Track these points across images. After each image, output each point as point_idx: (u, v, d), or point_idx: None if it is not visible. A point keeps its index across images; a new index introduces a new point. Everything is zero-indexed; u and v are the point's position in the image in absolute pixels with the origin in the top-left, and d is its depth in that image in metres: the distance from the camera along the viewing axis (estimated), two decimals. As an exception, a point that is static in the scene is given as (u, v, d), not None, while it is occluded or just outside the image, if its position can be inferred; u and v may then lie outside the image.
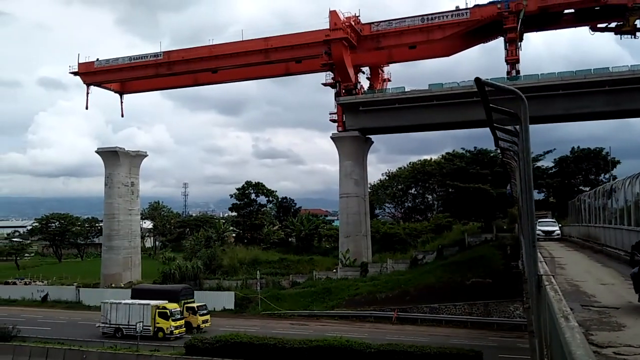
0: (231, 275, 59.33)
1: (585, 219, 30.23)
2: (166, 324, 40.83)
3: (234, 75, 67.04)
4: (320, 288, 50.74)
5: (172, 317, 41.19)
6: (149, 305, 41.54)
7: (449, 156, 68.56)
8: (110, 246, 66.52)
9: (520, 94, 8.70)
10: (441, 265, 49.28)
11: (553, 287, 8.95)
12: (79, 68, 67.07)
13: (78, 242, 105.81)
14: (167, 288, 48.71)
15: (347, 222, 56.80)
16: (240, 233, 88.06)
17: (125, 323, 41.56)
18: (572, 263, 17.80)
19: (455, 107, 51.36)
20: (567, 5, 49.88)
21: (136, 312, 41.49)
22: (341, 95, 56.82)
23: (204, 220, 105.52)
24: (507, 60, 51.12)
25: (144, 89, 73.72)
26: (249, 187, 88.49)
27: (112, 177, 67.05)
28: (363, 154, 58.99)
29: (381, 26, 56.14)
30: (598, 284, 12.38)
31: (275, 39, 58.65)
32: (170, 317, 41.05)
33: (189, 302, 44.60)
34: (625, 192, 18.20)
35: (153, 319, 41.00)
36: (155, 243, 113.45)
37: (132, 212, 69.41)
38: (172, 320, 40.96)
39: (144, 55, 65.30)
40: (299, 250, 74.86)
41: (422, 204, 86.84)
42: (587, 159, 66.18)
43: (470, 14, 52.39)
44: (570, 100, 48.33)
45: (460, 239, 55.09)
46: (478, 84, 8.98)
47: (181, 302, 43.55)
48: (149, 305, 41.48)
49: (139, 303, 42.43)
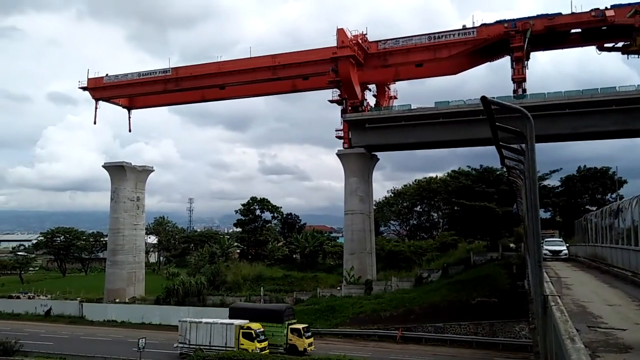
0: (235, 291, 59.11)
1: (591, 239, 29.98)
2: (251, 346, 37.84)
3: (242, 92, 67.50)
4: (324, 306, 50.38)
5: (257, 338, 38.48)
6: (232, 325, 39.21)
7: (454, 174, 68.45)
8: (114, 261, 66.48)
9: (527, 112, 8.72)
10: (446, 284, 48.90)
11: (559, 308, 8.85)
12: (88, 83, 67.82)
13: (82, 257, 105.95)
14: (270, 307, 45.85)
15: (351, 239, 56.57)
16: (245, 249, 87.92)
17: (206, 343, 39.08)
18: (579, 283, 17.60)
19: (462, 125, 51.38)
20: (574, 25, 50.08)
21: (218, 332, 39.13)
22: (347, 112, 57.03)
23: (208, 235, 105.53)
24: (514, 78, 51.24)
25: (152, 105, 74.32)
26: (254, 203, 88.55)
27: (118, 192, 67.28)
28: (368, 171, 58.98)
29: (388, 44, 56.51)
30: (605, 305, 12.22)
31: (283, 56, 59.13)
32: (256, 338, 38.35)
33: (292, 322, 41.59)
34: (632, 212, 18.05)
35: (237, 339, 38.33)
36: (159, 258, 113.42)
37: (137, 227, 69.47)
38: (257, 342, 38.16)
39: (152, 71, 65.98)
40: (303, 267, 74.58)
41: (428, 222, 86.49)
42: (593, 178, 65.89)
43: (477, 33, 52.70)
44: (577, 119, 48.24)
45: (465, 257, 54.75)
46: (484, 103, 9.01)
47: (285, 324, 40.73)
48: (232, 325, 39.12)
49: (222, 322, 40.08)
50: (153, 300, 60.36)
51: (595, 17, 48.28)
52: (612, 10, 47.77)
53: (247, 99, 72.99)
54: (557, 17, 49.98)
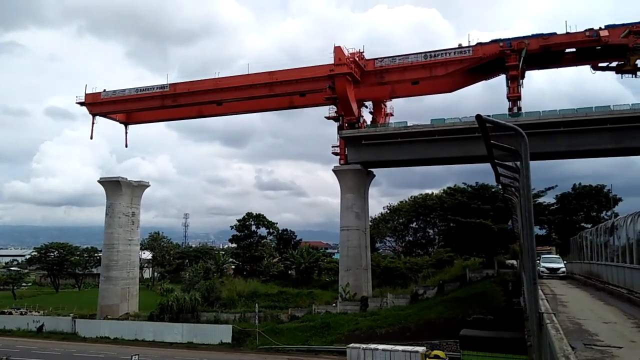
0: (229, 308, 58.69)
1: (587, 256, 30.01)
2: None
3: (239, 108, 67.78)
4: (319, 322, 50.06)
5: None
6: (417, 352, 35.53)
7: (450, 190, 68.60)
8: (108, 276, 66.00)
9: (521, 131, 8.82)
10: (442, 300, 48.73)
11: (554, 326, 8.87)
12: (86, 98, 68.05)
13: (76, 272, 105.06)
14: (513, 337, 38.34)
15: (347, 255, 56.43)
16: (240, 265, 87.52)
17: None
18: (574, 301, 17.61)
19: (457, 143, 51.68)
20: (569, 44, 50.66)
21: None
22: (344, 129, 57.29)
23: (203, 251, 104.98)
24: (509, 97, 51.67)
25: (149, 120, 74.51)
26: (249, 219, 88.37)
27: (114, 207, 67.07)
28: (364, 187, 59.08)
29: (385, 62, 57.01)
30: (601, 322, 12.23)
31: (280, 73, 59.56)
32: None
33: None
34: (627, 229, 18.15)
35: None
36: (153, 274, 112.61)
37: (132, 242, 69.15)
38: None
39: (150, 87, 66.28)
40: (298, 283, 74.23)
41: (423, 238, 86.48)
42: (588, 195, 66.23)
43: (473, 51, 53.25)
44: (572, 137, 48.62)
45: (461, 274, 54.64)
46: (479, 121, 9.11)
47: None
48: (417, 353, 35.47)
49: (403, 349, 36.13)
50: (147, 316, 59.83)
51: (589, 37, 48.92)
52: (606, 31, 48.44)
53: (244, 115, 73.34)
54: (552, 37, 50.62)
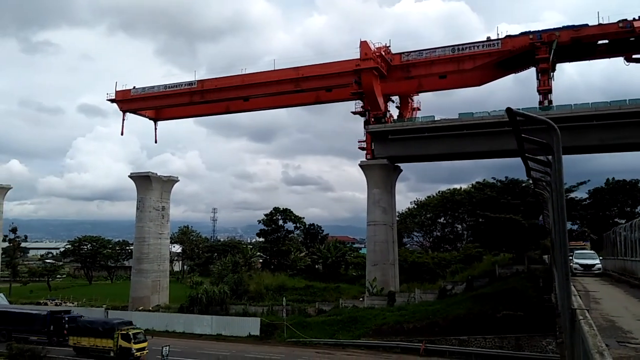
0: (257, 301, 59.32)
1: (621, 252, 29.38)
2: None
3: (265, 104, 68.22)
4: (347, 316, 50.20)
5: None
6: None
7: (479, 185, 67.78)
8: (139, 269, 67.40)
9: (553, 124, 8.69)
10: (471, 296, 48.28)
11: (587, 322, 8.75)
12: (116, 95, 69.45)
13: (108, 265, 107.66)
14: None
15: (374, 250, 56.35)
16: (267, 259, 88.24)
17: None
18: (608, 297, 17.28)
19: (486, 137, 50.97)
20: (601, 36, 49.36)
21: None
22: (370, 124, 57.07)
23: (231, 245, 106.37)
24: (539, 90, 50.67)
25: (177, 116, 75.67)
26: (276, 213, 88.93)
27: (144, 202, 68.37)
28: (391, 182, 58.81)
29: (411, 56, 56.55)
30: (635, 320, 11.99)
31: (306, 69, 59.66)
32: None
33: None
34: (663, 225, 17.73)
35: None
36: (183, 267, 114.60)
37: (162, 236, 70.40)
38: None
39: (178, 83, 67.23)
40: (325, 278, 74.47)
41: (452, 234, 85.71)
42: (622, 190, 64.71)
43: (502, 44, 52.38)
44: (605, 131, 47.41)
45: (490, 270, 53.99)
46: (509, 114, 9.02)
47: None
48: None
49: None
50: (177, 308, 60.94)
51: (622, 28, 47.57)
52: (640, 21, 47.07)
53: (271, 110, 73.76)
54: (583, 29, 49.38)
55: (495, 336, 42.38)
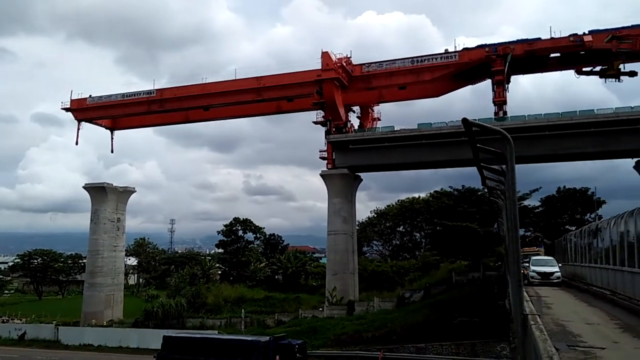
0: (215, 313, 58.31)
1: (571, 258, 30.32)
2: None
3: (226, 113, 67.54)
4: (306, 327, 49.86)
5: None
6: None
7: (437, 194, 69.03)
8: (92, 283, 65.24)
9: (507, 134, 8.91)
10: (428, 304, 48.85)
11: (539, 327, 8.95)
12: (72, 104, 67.42)
13: (60, 279, 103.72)
14: None
15: (334, 260, 56.40)
16: (227, 270, 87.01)
17: None
18: (559, 302, 17.79)
19: (444, 147, 51.97)
20: (553, 49, 51.21)
21: None
22: (331, 134, 57.35)
23: (189, 257, 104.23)
24: (495, 101, 52.11)
25: (135, 126, 73.97)
26: (236, 224, 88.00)
27: (99, 213, 66.40)
28: (352, 192, 59.14)
29: (372, 67, 57.26)
30: (584, 323, 12.37)
31: (268, 78, 59.46)
32: None
33: None
34: (610, 231, 18.41)
35: None
36: (139, 280, 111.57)
37: (117, 248, 68.47)
38: None
39: (136, 92, 65.78)
40: (285, 288, 73.99)
41: (410, 242, 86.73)
42: (573, 198, 67.05)
43: (459, 56, 53.65)
44: (557, 141, 49.12)
45: (447, 277, 54.84)
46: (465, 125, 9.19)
47: None
48: None
49: None
50: (131, 323, 59.16)
51: (573, 42, 49.50)
52: (590, 36, 49.03)
53: (233, 120, 73.09)
54: (536, 42, 51.16)
55: (451, 343, 42.90)
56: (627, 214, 15.79)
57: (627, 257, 15.62)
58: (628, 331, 11.12)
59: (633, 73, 50.73)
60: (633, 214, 14.98)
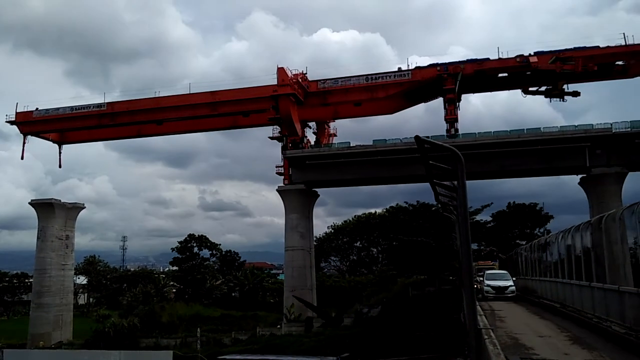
0: (170, 333, 56.69)
1: (522, 272, 31.13)
2: None
3: (180, 127, 66.45)
4: (263, 345, 48.98)
5: None
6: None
7: (392, 209, 69.82)
8: (39, 303, 62.40)
9: (457, 151, 9.10)
10: (386, 319, 49.00)
11: (492, 341, 9.09)
12: (17, 117, 64.74)
13: (5, 299, 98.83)
14: None
15: (292, 276, 56.02)
16: (182, 288, 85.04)
17: None
18: (511, 316, 18.18)
19: (399, 163, 52.74)
20: (501, 69, 52.89)
21: None
22: (288, 149, 57.32)
23: (143, 274, 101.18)
24: (447, 119, 53.35)
25: (84, 140, 71.70)
26: (191, 240, 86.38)
27: (46, 230, 63.78)
28: (309, 207, 59.10)
29: (327, 84, 57.73)
30: (536, 336, 12.65)
31: (223, 93, 59.02)
32: None
33: None
34: (558, 245, 19.01)
35: None
36: (89, 300, 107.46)
37: (66, 267, 65.85)
38: None
39: (86, 105, 63.83)
40: (242, 306, 72.90)
41: (367, 257, 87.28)
42: (522, 213, 69.11)
43: (412, 75, 54.76)
44: (506, 157, 50.74)
45: (404, 292, 55.31)
46: (418, 142, 9.34)
47: None
48: None
49: None
50: (81, 344, 56.77)
51: (520, 62, 51.43)
52: (535, 57, 51.07)
53: (188, 134, 72.01)
54: (485, 62, 52.86)
55: (409, 358, 43.10)
56: (574, 228, 16.37)
57: (575, 271, 16.15)
58: (577, 343, 11.45)
59: (576, 93, 53.16)
60: (579, 229, 15.54)
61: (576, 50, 50.59)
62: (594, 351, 10.24)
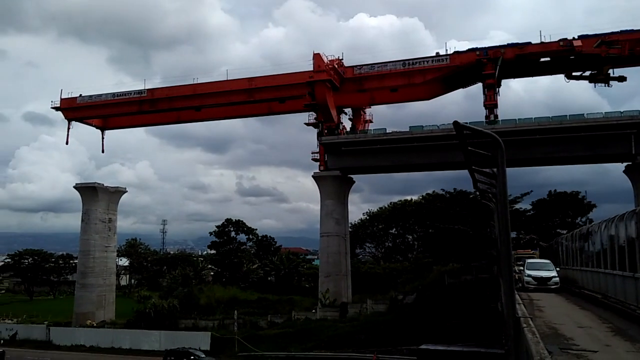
0: (208, 315, 58.11)
1: (563, 262, 30.47)
2: None
3: (218, 114, 67.44)
4: (299, 329, 49.83)
5: None
6: None
7: (429, 197, 69.17)
8: (84, 284, 64.83)
9: (497, 137, 8.95)
10: (421, 306, 48.89)
11: (531, 330, 8.98)
12: (61, 103, 66.94)
13: (51, 279, 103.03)
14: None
15: (327, 262, 56.39)
16: (219, 271, 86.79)
17: None
18: (550, 306, 17.86)
19: (436, 149, 52.13)
20: (543, 54, 51.52)
21: None
22: (323, 135, 57.37)
23: (182, 258, 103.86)
24: (486, 105, 52.34)
25: (126, 125, 73.69)
26: (228, 225, 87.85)
27: (90, 213, 65.99)
28: (344, 194, 59.16)
29: (364, 69, 57.32)
30: (576, 327, 12.42)
31: (259, 79, 59.40)
32: None
33: None
34: (601, 235, 18.51)
35: None
36: (130, 281, 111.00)
37: (109, 249, 68.06)
38: None
39: (127, 92, 65.47)
40: (278, 290, 73.92)
41: (403, 244, 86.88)
42: (564, 202, 67.45)
43: (450, 60, 53.83)
44: (548, 144, 49.41)
45: (440, 279, 54.93)
46: (457, 127, 9.23)
47: None
48: None
49: None
50: (123, 324, 58.89)
51: (563, 46, 49.86)
52: (579, 41, 49.42)
53: (226, 120, 72.90)
54: (526, 46, 51.46)
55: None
56: (618, 217, 15.90)
57: (618, 261, 15.72)
58: (619, 334, 11.19)
59: (622, 78, 51.18)
60: (623, 218, 15.09)
61: (623, 34, 48.64)
62: (637, 343, 10.00)
